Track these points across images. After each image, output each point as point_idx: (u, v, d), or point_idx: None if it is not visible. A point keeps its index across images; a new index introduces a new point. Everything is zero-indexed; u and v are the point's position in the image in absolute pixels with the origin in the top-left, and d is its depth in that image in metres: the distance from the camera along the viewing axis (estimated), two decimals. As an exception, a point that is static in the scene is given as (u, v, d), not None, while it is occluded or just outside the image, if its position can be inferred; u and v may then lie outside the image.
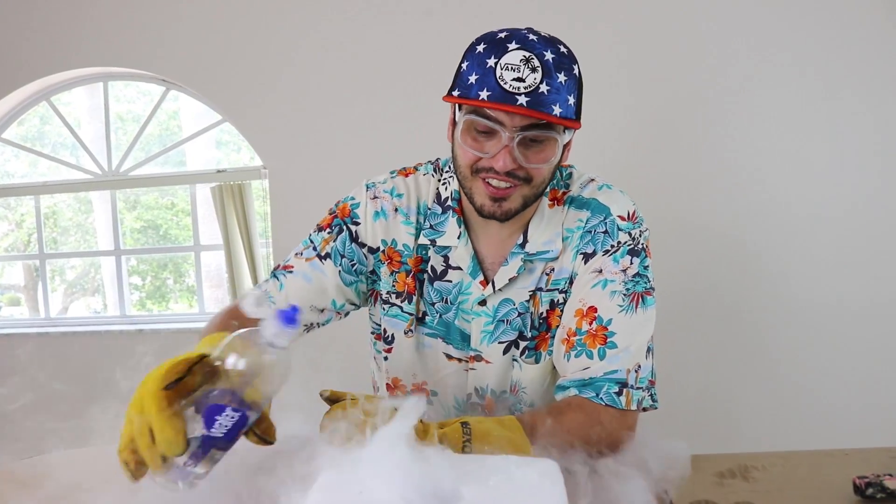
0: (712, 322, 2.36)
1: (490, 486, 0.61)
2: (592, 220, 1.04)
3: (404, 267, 1.09)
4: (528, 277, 1.05)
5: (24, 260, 4.92)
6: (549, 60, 0.92)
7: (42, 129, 4.43)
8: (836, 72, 2.26)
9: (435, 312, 1.09)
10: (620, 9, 2.36)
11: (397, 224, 1.09)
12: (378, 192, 1.10)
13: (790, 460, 0.90)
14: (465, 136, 0.96)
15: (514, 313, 1.06)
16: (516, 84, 0.90)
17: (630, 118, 2.37)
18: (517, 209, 0.98)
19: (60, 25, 2.73)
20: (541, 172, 0.97)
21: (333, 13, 2.52)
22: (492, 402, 1.10)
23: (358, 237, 1.09)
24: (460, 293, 1.07)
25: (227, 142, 4.73)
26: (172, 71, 2.68)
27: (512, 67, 0.90)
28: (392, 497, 0.58)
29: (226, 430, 0.66)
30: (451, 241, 1.07)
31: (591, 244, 1.03)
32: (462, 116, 0.95)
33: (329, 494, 0.60)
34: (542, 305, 1.05)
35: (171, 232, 5.61)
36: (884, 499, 0.76)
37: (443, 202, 1.08)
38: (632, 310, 0.98)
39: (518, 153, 0.93)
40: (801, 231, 2.30)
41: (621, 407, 0.94)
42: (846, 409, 2.25)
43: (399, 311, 1.10)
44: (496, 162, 0.93)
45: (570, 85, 0.94)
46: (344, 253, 1.08)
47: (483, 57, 0.93)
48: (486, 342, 1.07)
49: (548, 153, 0.95)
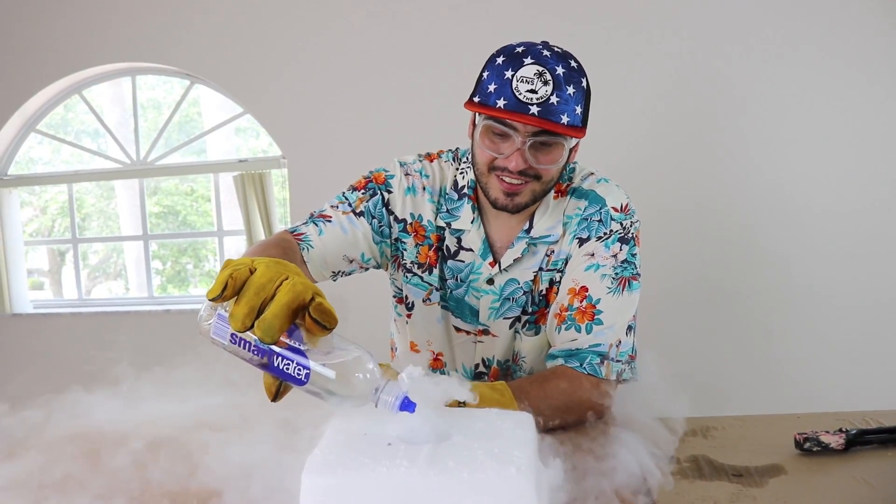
0: (708, 309, 2.46)
1: (474, 430, 0.73)
2: (589, 208, 1.16)
3: (427, 241, 1.21)
4: (531, 259, 1.18)
5: (57, 245, 5.10)
6: (560, 74, 1.04)
7: (66, 116, 4.59)
8: (843, 65, 2.33)
9: (447, 288, 1.21)
10: (629, 5, 2.44)
11: (424, 202, 1.21)
12: (410, 170, 1.23)
13: (747, 422, 1.02)
14: (484, 137, 1.09)
15: (519, 292, 1.19)
16: (530, 95, 1.03)
17: (638, 114, 2.46)
18: (527, 203, 1.11)
19: (91, 24, 2.88)
20: (549, 172, 1.10)
21: (352, 7, 2.63)
22: (497, 372, 1.24)
23: (389, 204, 1.20)
24: (471, 272, 1.20)
25: (245, 128, 4.86)
26: (197, 66, 2.82)
27: (526, 80, 1.03)
28: (392, 436, 0.71)
29: (294, 366, 0.67)
30: (465, 225, 1.19)
31: (586, 230, 1.15)
32: (481, 121, 1.09)
33: (338, 434, 0.73)
34: (543, 284, 1.18)
35: (190, 218, 5.77)
36: (819, 451, 0.87)
37: (459, 189, 1.21)
38: (619, 292, 1.11)
39: (529, 155, 1.06)
40: (802, 223, 2.38)
41: (601, 376, 1.08)
42: (815, 388, 2.35)
43: (420, 280, 1.23)
44: (509, 162, 1.06)
45: (577, 96, 1.06)
46: (375, 214, 1.20)
47: (502, 69, 1.05)
48: (492, 318, 1.20)
49: (555, 155, 1.08)
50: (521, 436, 0.73)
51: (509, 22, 2.50)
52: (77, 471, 0.86)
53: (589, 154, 2.45)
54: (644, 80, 2.45)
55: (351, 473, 0.65)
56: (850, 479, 0.80)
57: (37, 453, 0.92)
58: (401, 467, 0.65)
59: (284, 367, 0.67)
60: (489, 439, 0.71)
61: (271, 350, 0.66)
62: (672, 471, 0.84)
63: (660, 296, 2.47)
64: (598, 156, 2.42)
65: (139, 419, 0.99)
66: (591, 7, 2.45)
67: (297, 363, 0.67)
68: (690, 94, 2.43)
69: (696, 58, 2.41)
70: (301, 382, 0.67)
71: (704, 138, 2.43)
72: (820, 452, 0.87)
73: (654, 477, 0.79)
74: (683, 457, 0.88)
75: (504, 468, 0.64)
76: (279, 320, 0.64)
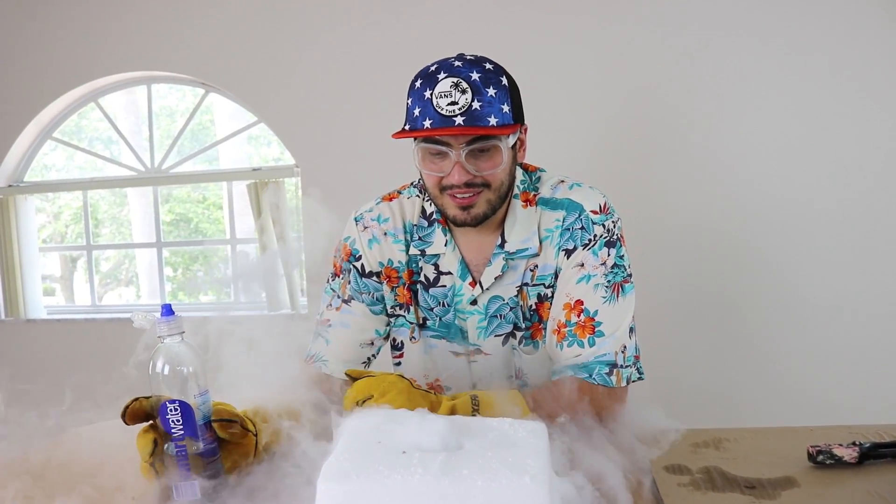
0: (710, 319, 2.45)
1: (488, 439, 0.74)
2: (569, 217, 1.15)
3: (401, 281, 1.22)
4: (512, 275, 1.17)
5: (72, 251, 5.15)
6: (476, 80, 1.05)
7: (79, 124, 4.64)
8: (837, 67, 2.31)
9: (435, 316, 1.22)
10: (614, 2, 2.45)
11: (389, 245, 1.22)
12: (366, 222, 1.25)
13: (760, 434, 1.02)
14: (424, 161, 1.11)
15: (505, 308, 1.18)
16: (451, 108, 1.04)
17: (626, 115, 2.46)
18: (485, 212, 1.11)
19: (107, 33, 2.92)
20: (496, 177, 1.10)
21: (365, 16, 2.65)
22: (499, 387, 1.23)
23: (364, 271, 1.23)
24: (454, 295, 1.20)
25: (257, 136, 4.90)
26: (211, 75, 2.85)
27: (444, 94, 1.04)
28: (406, 444, 0.72)
29: (181, 425, 0.77)
30: (439, 249, 1.20)
31: (570, 241, 1.14)
32: (416, 147, 1.11)
33: (352, 441, 0.74)
34: (531, 299, 1.17)
35: (202, 225, 5.81)
36: (832, 464, 0.87)
37: (429, 216, 1.22)
38: (614, 299, 1.11)
39: (469, 166, 1.07)
40: (798, 226, 2.37)
41: (612, 385, 1.08)
42: (828, 400, 2.34)
43: (404, 320, 1.24)
44: (452, 177, 1.07)
45: (501, 95, 1.06)
46: (361, 290, 1.23)
47: (421, 91, 1.07)
48: (482, 337, 1.20)
49: (496, 160, 1.08)
50: (534, 445, 0.73)
51: (526, 29, 2.51)
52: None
53: (586, 158, 2.48)
54: (637, 80, 2.45)
55: (366, 481, 0.66)
56: (863, 492, 0.80)
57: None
58: (416, 475, 0.65)
59: (177, 425, 0.78)
60: (503, 448, 0.72)
61: (173, 445, 0.78)
62: (684, 482, 0.84)
63: (670, 307, 2.47)
64: (592, 161, 2.45)
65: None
66: (596, 9, 2.46)
67: (169, 411, 0.78)
68: (686, 97, 2.42)
69: (691, 55, 2.39)
70: (185, 403, 0.79)
71: (709, 141, 2.42)
72: (833, 465, 0.87)
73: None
74: (696, 468, 0.88)
75: (518, 477, 0.64)
76: (137, 444, 0.81)
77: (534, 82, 2.51)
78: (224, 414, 0.82)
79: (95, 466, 0.92)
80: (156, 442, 0.79)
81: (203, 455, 0.78)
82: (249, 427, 0.84)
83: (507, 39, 2.51)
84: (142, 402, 0.80)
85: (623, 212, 1.25)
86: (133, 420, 0.79)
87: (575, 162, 2.40)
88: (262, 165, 3.07)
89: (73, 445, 1.09)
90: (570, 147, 2.47)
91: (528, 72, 2.53)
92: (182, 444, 0.77)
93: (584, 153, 2.48)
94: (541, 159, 1.34)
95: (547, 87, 2.46)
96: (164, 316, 0.79)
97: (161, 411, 0.77)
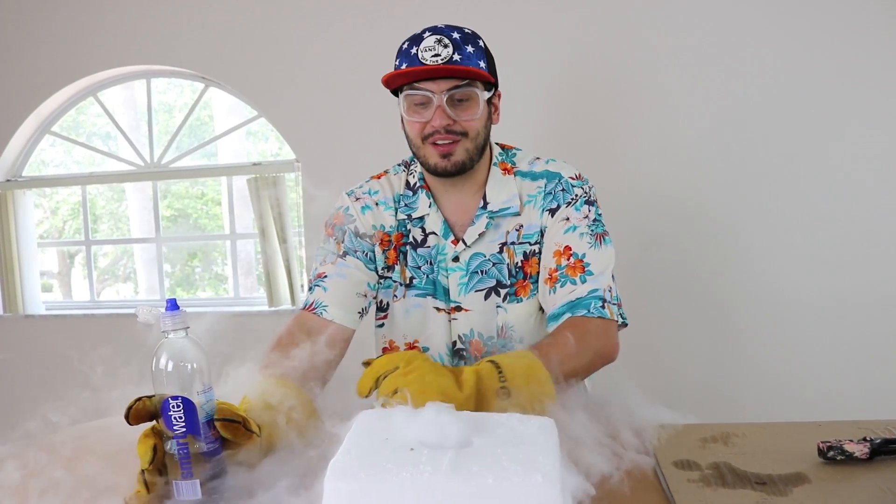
0: (712, 315, 2.45)
1: (497, 436, 0.73)
2: (549, 184, 1.29)
3: (391, 244, 1.33)
4: (494, 233, 1.29)
5: (67, 246, 5.13)
6: (457, 38, 1.20)
7: (77, 119, 4.62)
8: (835, 65, 2.30)
9: (422, 274, 1.31)
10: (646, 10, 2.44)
11: (381, 212, 1.34)
12: (358, 194, 1.36)
13: (768, 429, 1.01)
14: (409, 111, 1.23)
15: (487, 264, 1.29)
16: (434, 59, 1.17)
17: (624, 113, 2.45)
18: (464, 161, 1.23)
19: (107, 27, 2.90)
20: (473, 125, 1.22)
21: (367, 12, 2.64)
22: (478, 344, 1.30)
23: (358, 231, 1.32)
24: (438, 253, 1.31)
25: (255, 132, 4.89)
26: (211, 69, 2.83)
27: (428, 48, 1.18)
28: (414, 441, 0.71)
29: (183, 422, 0.75)
30: (423, 211, 1.32)
31: (554, 201, 1.28)
32: (402, 97, 1.22)
33: (359, 438, 0.73)
34: (517, 256, 1.29)
35: (201, 221, 5.80)
36: (843, 460, 0.86)
37: (412, 186, 1.34)
38: (598, 246, 1.23)
39: (450, 111, 1.19)
40: (803, 221, 2.36)
41: (607, 317, 1.17)
42: (831, 396, 2.34)
43: (390, 281, 1.34)
44: (434, 120, 1.19)
45: (478, 53, 1.21)
46: (356, 247, 1.31)
47: (407, 49, 1.21)
48: (462, 293, 1.29)
49: (473, 109, 1.21)
50: (544, 441, 0.72)
51: (530, 25, 2.50)
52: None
53: (585, 153, 2.47)
54: (634, 79, 2.44)
55: (374, 479, 0.65)
56: (875, 488, 0.79)
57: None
58: (424, 473, 0.64)
59: (180, 422, 0.76)
60: (513, 445, 0.71)
61: (174, 443, 0.76)
62: (694, 478, 0.83)
63: (673, 303, 2.46)
64: (592, 159, 2.44)
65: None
66: (600, 12, 2.45)
67: (171, 408, 0.76)
68: (683, 95, 2.41)
69: (690, 57, 2.39)
70: (188, 400, 0.76)
71: (693, 139, 2.41)
72: (844, 461, 0.86)
73: None
74: (705, 464, 0.87)
75: (530, 475, 0.63)
76: (138, 450, 0.79)
77: (537, 81, 2.52)
78: (227, 413, 0.81)
79: (94, 464, 0.91)
80: (156, 449, 0.77)
81: (205, 454, 0.77)
82: (253, 428, 0.83)
83: (507, 38, 2.49)
84: (146, 403, 0.78)
85: (625, 211, 1.30)
86: (137, 420, 0.78)
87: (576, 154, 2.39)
88: (261, 161, 3.05)
89: (71, 442, 1.08)
90: (572, 142, 2.46)
91: (530, 70, 2.53)
92: (184, 443, 0.75)
93: (579, 148, 2.47)
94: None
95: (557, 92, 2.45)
96: (169, 310, 0.78)
97: (163, 408, 0.75)
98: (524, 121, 2.42)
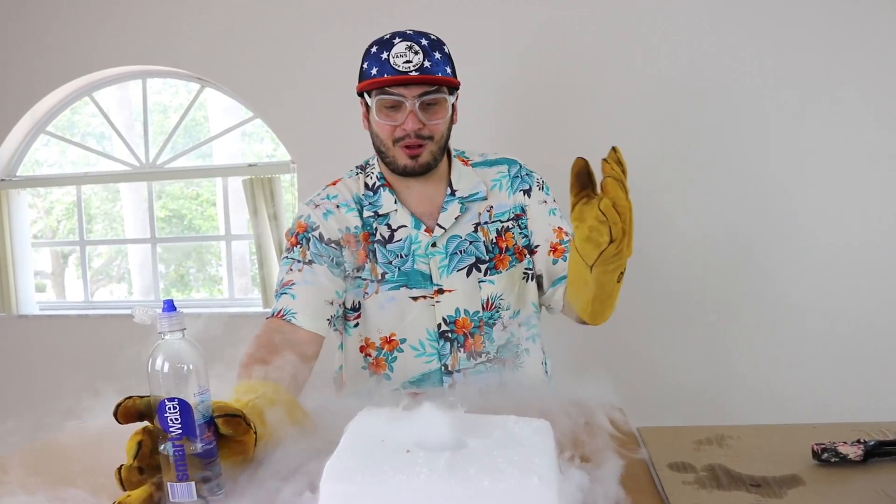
0: (708, 317, 2.45)
1: (493, 438, 0.73)
2: (511, 169, 1.44)
3: (359, 245, 1.36)
4: (466, 216, 1.38)
5: (60, 247, 5.11)
6: (425, 45, 1.28)
7: (72, 119, 4.60)
8: (836, 69, 2.31)
9: (394, 268, 1.35)
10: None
11: (343, 214, 1.37)
12: (317, 201, 1.39)
13: (763, 431, 1.01)
14: (379, 113, 1.29)
15: (465, 244, 1.37)
16: (406, 65, 1.25)
17: (628, 116, 2.46)
18: (429, 162, 1.32)
19: (103, 26, 2.89)
20: (439, 128, 1.30)
21: (363, 13, 2.63)
22: (465, 321, 1.35)
23: (323, 237, 1.34)
24: (412, 243, 1.36)
25: (250, 133, 4.88)
26: (208, 70, 2.82)
27: (400, 55, 1.26)
28: (410, 442, 0.71)
29: (179, 424, 0.75)
30: (388, 208, 1.37)
31: (524, 183, 1.43)
32: (373, 100, 1.28)
33: (355, 440, 0.73)
34: (491, 234, 1.39)
35: (196, 222, 5.78)
36: (837, 462, 0.87)
37: (372, 187, 1.39)
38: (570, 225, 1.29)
39: (420, 115, 1.27)
40: (800, 224, 2.37)
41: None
42: (825, 398, 2.35)
43: (360, 280, 1.36)
44: (407, 124, 1.27)
45: (444, 59, 1.30)
46: (321, 252, 1.33)
47: (378, 54, 1.29)
48: (444, 275, 1.35)
49: (441, 113, 1.30)
50: (540, 443, 0.73)
51: (523, 27, 2.50)
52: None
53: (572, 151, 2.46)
54: (638, 82, 2.44)
55: (370, 481, 0.65)
56: (869, 490, 0.79)
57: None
58: (421, 475, 0.64)
59: (176, 423, 0.75)
60: (509, 447, 0.71)
61: (170, 445, 0.75)
62: (689, 480, 0.83)
63: (669, 306, 2.47)
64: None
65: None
66: (602, 14, 2.45)
67: (167, 409, 0.75)
68: (682, 97, 2.41)
69: (693, 59, 2.39)
70: (184, 402, 0.76)
71: (692, 143, 2.42)
72: (838, 463, 0.86)
73: None
74: (700, 466, 0.88)
75: (526, 477, 0.63)
76: (127, 445, 0.78)
77: (542, 80, 2.52)
78: (227, 409, 0.81)
79: (84, 466, 0.91)
80: (140, 445, 0.77)
81: (201, 456, 0.77)
82: (251, 423, 0.83)
83: (507, 38, 2.50)
84: (135, 401, 0.78)
85: None
86: (126, 419, 0.78)
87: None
88: (257, 161, 3.05)
89: (62, 443, 1.07)
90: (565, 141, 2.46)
91: (530, 67, 2.53)
92: (179, 444, 0.75)
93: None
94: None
95: (553, 85, 2.44)
96: (166, 311, 0.77)
97: (159, 409, 0.75)
98: (477, 122, 2.41)
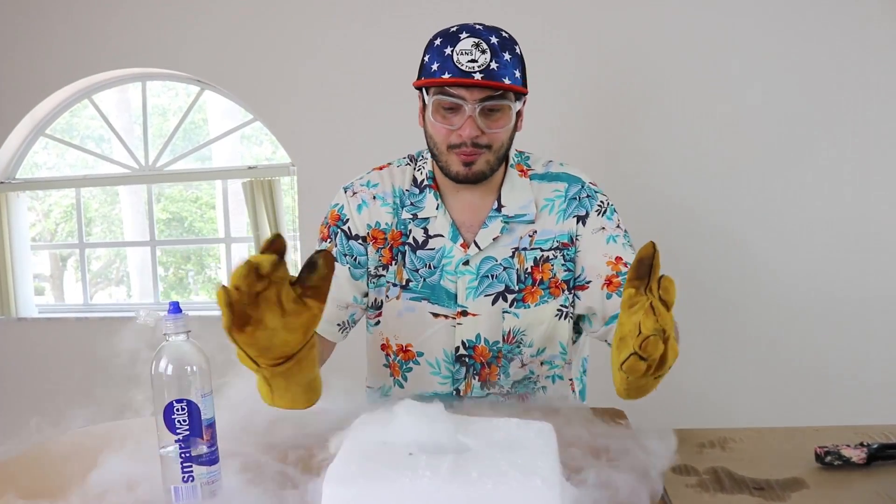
0: (710, 319, 2.45)
1: (495, 441, 0.73)
2: (572, 188, 1.26)
3: (386, 243, 1.26)
4: (508, 238, 1.24)
5: (59, 249, 5.10)
6: (495, 43, 1.14)
7: (71, 121, 4.60)
8: (837, 67, 2.31)
9: (419, 277, 1.25)
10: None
11: (377, 208, 1.27)
12: (355, 188, 1.30)
13: (766, 434, 1.01)
14: (435, 114, 1.16)
15: (498, 269, 1.24)
16: (471, 65, 1.11)
17: (628, 114, 2.46)
18: (484, 171, 1.18)
19: (102, 29, 2.89)
20: (499, 137, 1.17)
21: (363, 15, 2.63)
22: (484, 350, 1.26)
23: (351, 233, 1.27)
24: (443, 257, 1.24)
25: (250, 136, 4.87)
26: (207, 72, 2.82)
27: (465, 52, 1.12)
28: (412, 445, 0.70)
29: (187, 425, 0.75)
30: (430, 212, 1.25)
31: (580, 208, 1.25)
32: (430, 99, 1.15)
33: (357, 443, 0.72)
34: (527, 262, 1.24)
35: (196, 224, 5.77)
36: (840, 465, 0.86)
37: (419, 184, 1.27)
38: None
39: (480, 122, 1.13)
40: (803, 225, 2.37)
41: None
42: (829, 400, 2.34)
43: (384, 280, 1.27)
44: (463, 131, 1.13)
45: (514, 61, 1.15)
46: (346, 252, 1.26)
47: (441, 48, 1.15)
48: (471, 297, 1.24)
49: (503, 120, 1.16)
50: (542, 446, 0.72)
51: (524, 29, 2.50)
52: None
53: (581, 148, 2.47)
54: (633, 77, 2.44)
55: (373, 484, 0.65)
56: (873, 494, 0.79)
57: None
58: (423, 478, 0.64)
59: (183, 426, 0.76)
60: (511, 450, 0.71)
61: (176, 449, 0.76)
62: (692, 483, 0.83)
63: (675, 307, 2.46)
64: (595, 161, 2.44)
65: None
66: (605, 17, 2.46)
67: (175, 412, 0.76)
68: (684, 94, 2.41)
69: (692, 56, 2.39)
70: (192, 403, 0.76)
71: (695, 139, 2.42)
72: (841, 466, 0.86)
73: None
74: (703, 469, 0.87)
75: (529, 480, 0.63)
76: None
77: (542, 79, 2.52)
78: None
79: (83, 470, 0.90)
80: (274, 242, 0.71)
81: (204, 458, 0.77)
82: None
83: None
84: (282, 240, 0.73)
85: (625, 214, 1.30)
86: (328, 266, 0.73)
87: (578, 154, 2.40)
88: (256, 164, 3.05)
89: (63, 447, 1.07)
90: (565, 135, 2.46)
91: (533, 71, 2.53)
92: (186, 446, 0.75)
93: (582, 148, 2.48)
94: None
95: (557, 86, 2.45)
96: (172, 313, 0.77)
97: (166, 411, 0.75)
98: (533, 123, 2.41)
